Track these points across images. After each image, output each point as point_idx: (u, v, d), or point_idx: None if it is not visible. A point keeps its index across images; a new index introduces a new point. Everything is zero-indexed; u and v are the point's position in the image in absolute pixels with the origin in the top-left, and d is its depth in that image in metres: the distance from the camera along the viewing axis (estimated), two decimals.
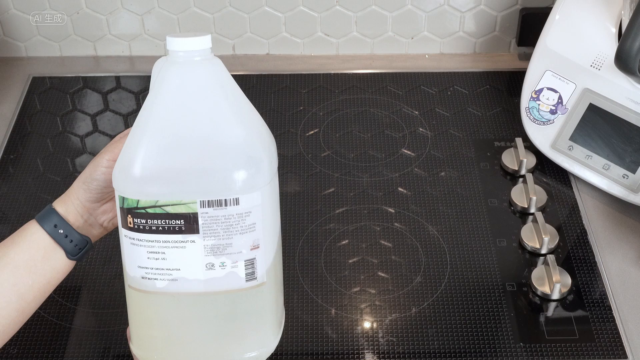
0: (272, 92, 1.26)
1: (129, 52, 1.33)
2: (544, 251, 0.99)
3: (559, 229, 1.02)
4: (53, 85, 1.28)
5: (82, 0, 1.27)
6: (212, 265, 0.69)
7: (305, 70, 1.30)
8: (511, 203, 1.06)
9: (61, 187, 0.92)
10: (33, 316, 0.77)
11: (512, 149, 1.13)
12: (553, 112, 1.09)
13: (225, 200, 0.68)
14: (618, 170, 1.04)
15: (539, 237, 1.00)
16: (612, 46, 1.03)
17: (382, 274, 0.98)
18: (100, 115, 1.23)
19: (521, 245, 1.01)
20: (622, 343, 0.90)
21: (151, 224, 0.68)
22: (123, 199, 0.69)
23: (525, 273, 0.97)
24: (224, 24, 1.30)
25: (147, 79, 0.75)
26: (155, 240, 0.69)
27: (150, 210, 0.68)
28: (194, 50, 0.68)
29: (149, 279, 0.70)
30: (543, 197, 1.06)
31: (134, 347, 0.75)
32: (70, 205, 0.76)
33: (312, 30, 1.31)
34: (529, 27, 1.26)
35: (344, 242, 1.02)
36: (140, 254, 0.70)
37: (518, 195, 1.06)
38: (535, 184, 1.07)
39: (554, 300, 0.94)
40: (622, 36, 0.92)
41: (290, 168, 1.13)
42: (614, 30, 1.04)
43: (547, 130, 1.09)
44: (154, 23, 1.29)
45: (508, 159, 1.12)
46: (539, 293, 0.95)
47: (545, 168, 1.11)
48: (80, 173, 0.77)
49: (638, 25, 0.89)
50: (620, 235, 1.02)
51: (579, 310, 0.93)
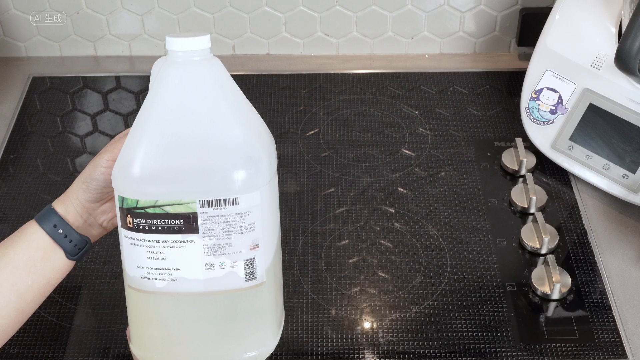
0: (272, 92, 1.26)
1: (129, 52, 1.33)
2: (544, 251, 0.99)
3: (559, 229, 1.02)
4: (53, 85, 1.28)
5: (82, 0, 1.27)
6: (212, 265, 0.69)
7: (305, 70, 1.30)
8: (511, 203, 1.06)
9: (61, 187, 0.92)
10: (33, 316, 0.77)
11: (512, 149, 1.13)
12: (553, 112, 1.09)
13: (225, 200, 0.68)
14: (618, 170, 1.04)
15: (539, 237, 1.00)
16: (612, 46, 1.03)
17: (382, 274, 0.98)
18: (100, 115, 1.23)
19: (521, 245, 1.01)
20: (622, 343, 0.90)
21: (150, 223, 0.68)
22: (122, 199, 0.69)
23: (525, 273, 0.97)
24: (224, 24, 1.30)
25: (147, 79, 0.75)
26: (154, 240, 0.69)
27: (149, 210, 0.68)
28: (193, 50, 0.68)
29: (148, 279, 0.70)
30: (543, 197, 1.06)
31: (134, 347, 0.75)
32: (70, 206, 0.76)
33: (312, 30, 1.31)
34: (529, 27, 1.26)
35: (344, 242, 1.02)
36: (139, 254, 0.70)
37: (518, 195, 1.06)
38: (535, 184, 1.07)
39: (554, 300, 0.94)
40: (622, 36, 0.92)
41: (290, 168, 1.13)
42: (614, 30, 1.04)
43: (547, 130, 1.09)
44: (154, 23, 1.29)
45: (508, 159, 1.12)
46: (539, 293, 0.95)
47: (545, 168, 1.11)
48: (80, 173, 0.77)
49: (638, 25, 0.89)
50: (620, 235, 1.02)
51: (579, 310, 0.93)
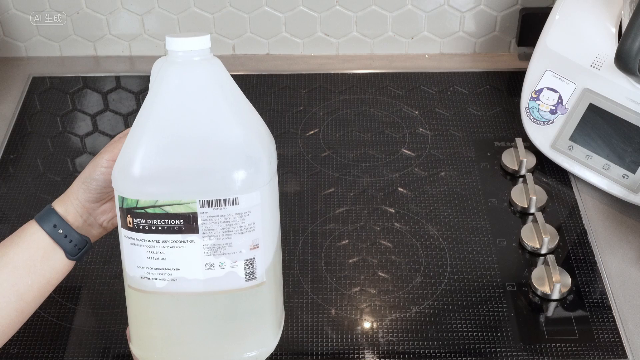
0: (272, 92, 1.26)
1: (129, 52, 1.33)
2: (544, 251, 0.99)
3: (559, 229, 1.02)
4: (53, 85, 1.28)
5: (82, 0, 1.27)
6: (212, 265, 0.69)
7: (305, 70, 1.30)
8: (511, 203, 1.06)
9: (61, 187, 0.92)
10: (33, 316, 0.77)
11: (512, 149, 1.13)
12: (553, 112, 1.09)
13: (225, 200, 0.68)
14: (618, 170, 1.04)
15: (539, 237, 1.00)
16: (612, 46, 1.03)
17: (382, 274, 0.98)
18: (100, 115, 1.23)
19: (521, 245, 1.01)
20: (622, 343, 0.90)
21: (150, 223, 0.68)
22: (122, 199, 0.69)
23: (525, 273, 0.97)
24: (224, 24, 1.30)
25: (147, 79, 0.75)
26: (154, 240, 0.69)
27: (149, 210, 0.68)
28: (193, 50, 0.68)
29: (148, 278, 0.70)
30: (543, 197, 1.06)
31: (134, 347, 0.75)
32: (70, 206, 0.76)
33: (312, 30, 1.31)
34: (529, 27, 1.25)
35: (344, 242, 1.02)
36: (139, 254, 0.70)
37: (518, 195, 1.06)
38: (535, 184, 1.07)
39: (554, 300, 0.94)
40: (622, 36, 0.92)
41: (290, 168, 1.13)
42: (614, 30, 1.04)
43: (547, 130, 1.09)
44: (154, 23, 1.29)
45: (508, 159, 1.12)
46: (539, 293, 0.95)
47: (545, 168, 1.11)
48: (80, 173, 0.77)
49: (638, 25, 0.89)
50: (620, 235, 1.02)
51: (579, 310, 0.93)
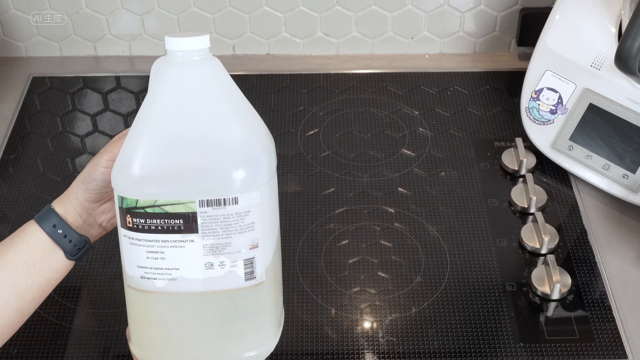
0: (272, 92, 1.26)
1: (129, 52, 1.33)
2: (544, 251, 0.99)
3: (559, 229, 1.02)
4: (53, 85, 1.28)
5: (82, 0, 1.27)
6: (211, 264, 0.69)
7: (305, 70, 1.30)
8: (511, 203, 1.06)
9: (61, 187, 0.92)
10: (33, 316, 0.78)
11: (512, 149, 1.13)
12: (553, 112, 1.09)
13: (224, 199, 0.68)
14: (618, 170, 1.04)
15: (539, 237, 1.00)
16: (612, 46, 1.02)
17: (382, 274, 0.98)
18: (100, 115, 1.23)
19: (521, 245, 1.01)
20: (622, 343, 0.89)
21: (150, 223, 0.68)
22: (122, 199, 0.69)
23: (525, 273, 0.97)
24: (224, 24, 1.30)
25: (147, 79, 0.75)
26: (154, 240, 0.69)
27: (149, 210, 0.68)
28: (192, 50, 0.68)
29: (148, 278, 0.70)
30: (543, 197, 1.06)
31: (134, 347, 0.75)
32: (69, 206, 0.76)
33: (312, 30, 1.31)
34: (529, 27, 1.25)
35: (344, 242, 1.02)
36: (139, 254, 0.70)
37: (518, 195, 1.06)
38: (535, 184, 1.07)
39: (554, 300, 0.94)
40: (622, 36, 0.92)
41: (290, 168, 1.13)
42: (614, 30, 1.04)
43: (547, 130, 1.09)
44: (154, 23, 1.29)
45: (508, 159, 1.12)
46: (539, 293, 0.94)
47: (545, 168, 1.11)
48: (80, 173, 0.77)
49: (638, 25, 0.89)
50: (620, 235, 1.02)
51: (579, 310, 0.93)
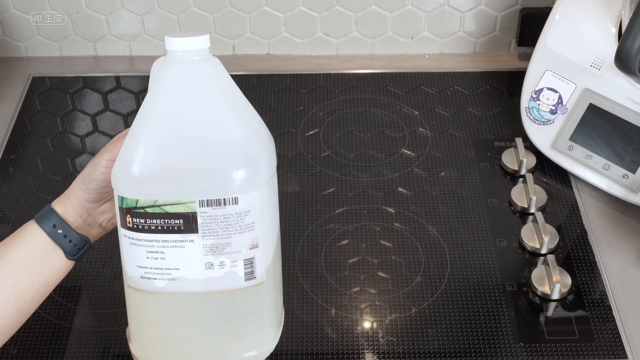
0: (272, 92, 1.26)
1: (129, 52, 1.33)
2: (544, 251, 0.99)
3: (559, 229, 1.02)
4: (53, 85, 1.28)
5: (82, 0, 1.27)
6: (211, 264, 0.69)
7: (305, 70, 1.30)
8: (511, 203, 1.06)
9: (61, 187, 0.92)
10: (33, 316, 0.78)
11: (512, 149, 1.13)
12: (553, 112, 1.09)
13: (224, 199, 0.68)
14: (618, 170, 1.04)
15: (539, 237, 1.00)
16: (612, 46, 1.02)
17: (382, 274, 0.98)
18: (100, 115, 1.23)
19: (521, 245, 1.01)
20: (622, 343, 0.89)
21: (150, 223, 0.68)
22: (122, 199, 0.69)
23: (525, 273, 0.97)
24: (224, 24, 1.30)
25: (147, 79, 0.75)
26: (154, 240, 0.69)
27: (149, 210, 0.68)
28: (192, 50, 0.68)
29: (148, 278, 0.70)
30: (543, 197, 1.06)
31: (134, 347, 0.75)
32: (69, 206, 0.76)
33: (312, 30, 1.31)
34: (529, 27, 1.25)
35: (344, 242, 1.02)
36: (139, 254, 0.70)
37: (518, 195, 1.06)
38: (535, 184, 1.07)
39: (554, 300, 0.94)
40: (622, 36, 0.92)
41: (290, 168, 1.13)
42: (614, 30, 1.04)
43: (547, 130, 1.09)
44: (154, 23, 1.29)
45: (508, 159, 1.12)
46: (539, 293, 0.94)
47: (545, 168, 1.11)
48: (80, 173, 0.77)
49: (638, 25, 0.89)
50: (620, 235, 1.02)
51: (579, 310, 0.93)
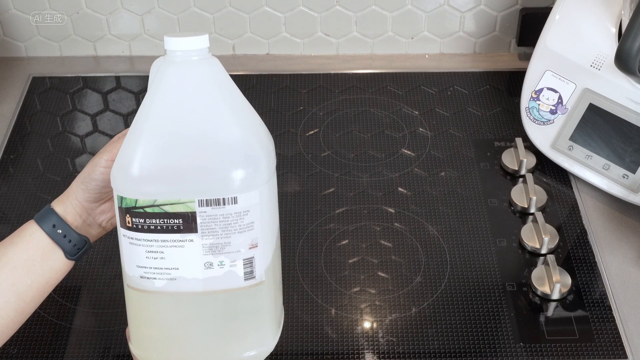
0: (272, 92, 1.26)
1: (129, 52, 1.33)
2: (544, 251, 0.99)
3: (559, 229, 1.02)
4: (53, 85, 1.28)
5: (82, 0, 1.27)
6: (211, 264, 0.69)
7: (305, 70, 1.30)
8: (511, 203, 1.06)
9: (61, 187, 0.92)
10: (33, 316, 0.78)
11: (512, 149, 1.13)
12: (553, 112, 1.09)
13: (224, 199, 0.68)
14: (618, 170, 1.04)
15: (539, 237, 1.00)
16: (612, 46, 1.02)
17: (382, 274, 0.98)
18: (100, 115, 1.23)
19: (521, 245, 1.01)
20: (622, 343, 0.89)
21: (149, 223, 0.68)
22: (121, 199, 0.69)
23: (525, 273, 0.97)
24: (224, 24, 1.30)
25: (147, 79, 0.75)
26: (153, 240, 0.69)
27: (148, 210, 0.68)
28: (191, 49, 0.68)
29: (147, 278, 0.70)
30: (543, 197, 1.06)
31: (134, 347, 0.75)
32: (69, 205, 0.76)
33: (312, 30, 1.31)
34: (529, 27, 1.25)
35: (344, 242, 1.02)
36: (138, 254, 0.70)
37: (518, 195, 1.06)
38: (535, 184, 1.07)
39: (554, 300, 0.94)
40: (622, 36, 0.92)
41: (290, 168, 1.13)
42: (614, 30, 1.04)
43: (547, 130, 1.09)
44: (154, 23, 1.29)
45: (508, 159, 1.12)
46: (539, 293, 0.94)
47: (545, 168, 1.11)
48: (79, 173, 0.77)
49: (638, 25, 0.89)
50: (620, 235, 1.02)
51: (579, 310, 0.93)
